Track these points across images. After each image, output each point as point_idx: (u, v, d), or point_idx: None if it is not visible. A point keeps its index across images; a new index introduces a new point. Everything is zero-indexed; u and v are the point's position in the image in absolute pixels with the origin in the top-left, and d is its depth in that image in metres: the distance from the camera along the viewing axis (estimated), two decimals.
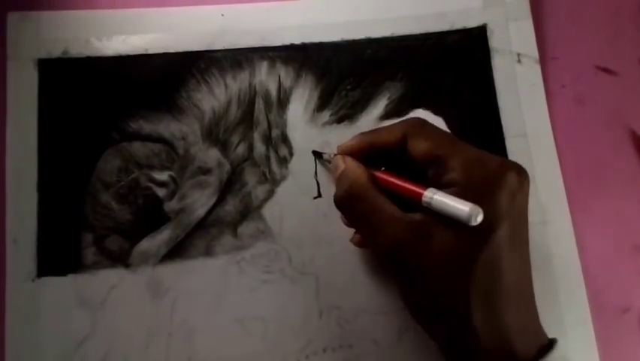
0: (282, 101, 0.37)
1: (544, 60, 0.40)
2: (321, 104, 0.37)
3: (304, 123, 0.37)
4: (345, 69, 0.38)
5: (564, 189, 0.37)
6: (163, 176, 0.35)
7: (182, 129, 0.36)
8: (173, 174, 0.36)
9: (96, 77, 0.36)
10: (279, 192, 0.36)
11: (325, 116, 0.37)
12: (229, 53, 0.37)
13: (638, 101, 0.40)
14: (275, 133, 0.37)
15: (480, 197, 0.25)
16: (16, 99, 0.35)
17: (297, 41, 0.38)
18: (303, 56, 0.38)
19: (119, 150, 0.35)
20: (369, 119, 0.38)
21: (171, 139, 0.36)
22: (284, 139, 0.37)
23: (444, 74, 0.39)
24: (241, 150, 0.36)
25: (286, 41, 0.38)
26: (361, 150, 0.31)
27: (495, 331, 0.26)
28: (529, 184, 0.27)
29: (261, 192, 0.36)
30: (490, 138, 0.38)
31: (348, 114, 0.37)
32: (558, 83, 0.40)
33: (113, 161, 0.35)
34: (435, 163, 0.28)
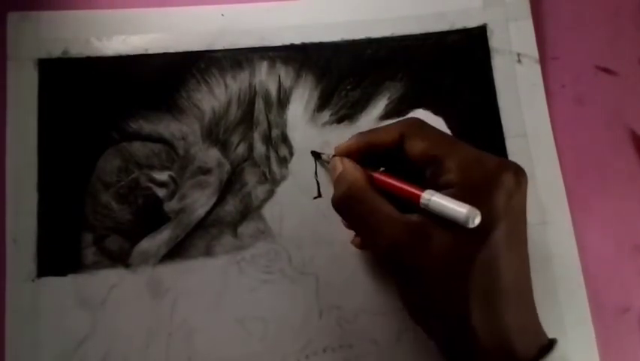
0: (282, 101, 0.37)
1: (544, 60, 0.40)
2: (321, 104, 0.37)
3: (304, 123, 0.37)
4: (345, 69, 0.38)
5: (564, 189, 0.37)
6: (163, 176, 0.35)
7: (182, 129, 0.36)
8: (173, 174, 0.36)
9: (96, 77, 0.36)
10: (279, 192, 0.36)
11: (325, 116, 0.37)
12: (229, 53, 0.37)
13: (638, 101, 0.40)
14: (275, 133, 0.37)
15: (477, 197, 0.25)
16: (16, 99, 0.35)
17: (297, 41, 0.38)
18: (303, 56, 0.38)
19: (119, 150, 0.35)
20: (369, 119, 0.38)
21: (171, 139, 0.36)
22: (284, 139, 0.37)
23: (444, 74, 0.39)
24: (241, 150, 0.36)
25: (286, 41, 0.38)
26: (359, 150, 0.31)
27: (494, 331, 0.26)
28: (527, 184, 0.27)
29: (261, 192, 0.36)
30: (490, 138, 0.38)
31: (348, 114, 0.37)
32: (558, 83, 0.40)
33: (113, 161, 0.35)
34: (432, 163, 0.28)
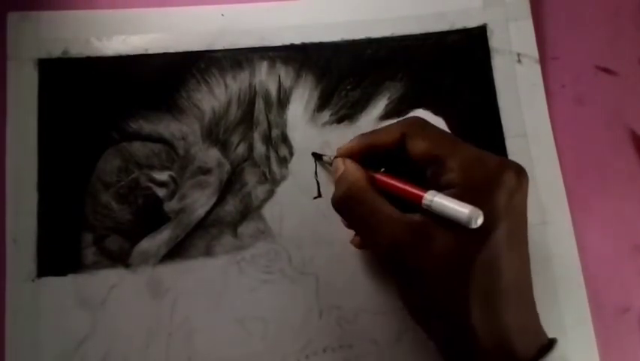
0: (282, 101, 0.37)
1: (544, 60, 0.40)
2: (321, 104, 0.37)
3: (304, 123, 0.37)
4: (345, 69, 0.38)
5: (564, 189, 0.37)
6: (163, 176, 0.35)
7: (182, 129, 0.36)
8: (173, 174, 0.36)
9: (96, 77, 0.36)
10: (279, 192, 0.36)
11: (325, 116, 0.37)
12: (229, 53, 0.37)
13: (638, 101, 0.40)
14: (275, 133, 0.37)
15: (478, 197, 0.25)
16: (16, 99, 0.35)
17: (297, 41, 0.38)
18: (303, 56, 0.38)
19: (119, 150, 0.35)
20: (369, 119, 0.38)
21: (171, 139, 0.36)
22: (284, 139, 0.37)
23: (444, 74, 0.39)
24: (241, 150, 0.36)
25: (286, 41, 0.38)
26: (361, 151, 0.31)
27: (494, 331, 0.26)
28: (527, 184, 0.27)
29: (261, 192, 0.36)
30: (490, 138, 0.38)
31: (348, 114, 0.37)
32: (558, 83, 0.40)
33: (113, 161, 0.35)
34: (433, 163, 0.28)
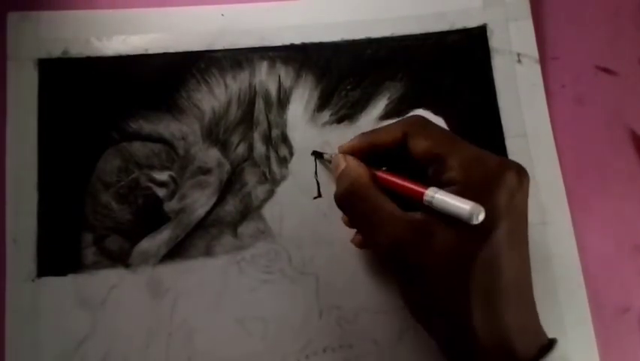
0: (282, 101, 0.37)
1: (544, 60, 0.40)
2: (321, 104, 0.37)
3: (304, 123, 0.37)
4: (345, 69, 0.38)
5: (564, 189, 0.37)
6: (163, 176, 0.35)
7: (182, 129, 0.36)
8: (173, 174, 0.36)
9: (96, 77, 0.36)
10: (279, 192, 0.36)
11: (325, 116, 0.37)
12: (229, 53, 0.37)
13: (638, 101, 0.40)
14: (275, 133, 0.37)
15: (479, 196, 0.25)
16: (16, 99, 0.35)
17: (297, 41, 0.38)
18: (303, 56, 0.38)
19: (119, 150, 0.35)
20: (369, 119, 0.38)
21: (171, 139, 0.36)
22: (284, 139, 0.37)
23: (444, 74, 0.39)
24: (241, 150, 0.36)
25: (286, 41, 0.38)
26: (362, 150, 0.31)
27: (495, 330, 0.26)
28: (528, 183, 0.27)
29: (261, 192, 0.36)
30: (490, 138, 0.38)
31: (348, 114, 0.37)
32: (558, 83, 0.40)
33: (113, 161, 0.35)
34: (435, 162, 0.28)
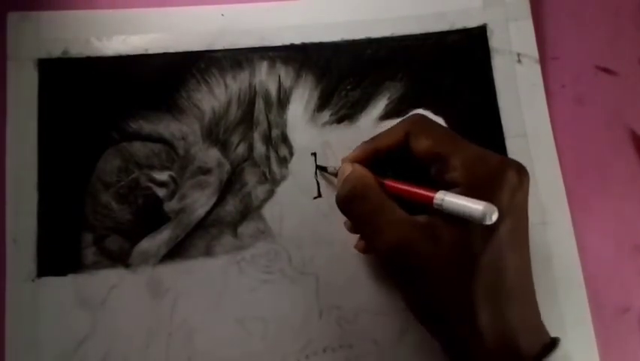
0: (282, 101, 0.37)
1: (544, 60, 0.40)
2: (321, 104, 0.37)
3: (304, 123, 0.37)
4: (345, 69, 0.38)
5: (564, 189, 0.37)
6: (163, 176, 0.35)
7: (182, 129, 0.36)
8: (173, 174, 0.36)
9: (96, 77, 0.36)
10: (279, 192, 0.36)
11: (325, 116, 0.37)
12: (229, 53, 0.37)
13: (638, 101, 0.40)
14: (275, 133, 0.37)
15: (482, 195, 0.25)
16: (16, 99, 0.35)
17: (297, 41, 0.38)
18: (303, 56, 0.38)
19: (119, 150, 0.35)
20: (369, 119, 0.38)
21: (171, 139, 0.36)
22: (284, 139, 0.37)
23: (444, 74, 0.39)
24: (241, 150, 0.36)
25: (286, 41, 0.38)
26: (367, 157, 0.31)
27: (499, 329, 0.26)
28: (529, 182, 0.28)
29: (261, 192, 0.36)
30: (490, 138, 0.38)
31: (348, 114, 0.37)
32: (558, 83, 0.40)
33: (113, 161, 0.35)
34: (437, 161, 0.28)
